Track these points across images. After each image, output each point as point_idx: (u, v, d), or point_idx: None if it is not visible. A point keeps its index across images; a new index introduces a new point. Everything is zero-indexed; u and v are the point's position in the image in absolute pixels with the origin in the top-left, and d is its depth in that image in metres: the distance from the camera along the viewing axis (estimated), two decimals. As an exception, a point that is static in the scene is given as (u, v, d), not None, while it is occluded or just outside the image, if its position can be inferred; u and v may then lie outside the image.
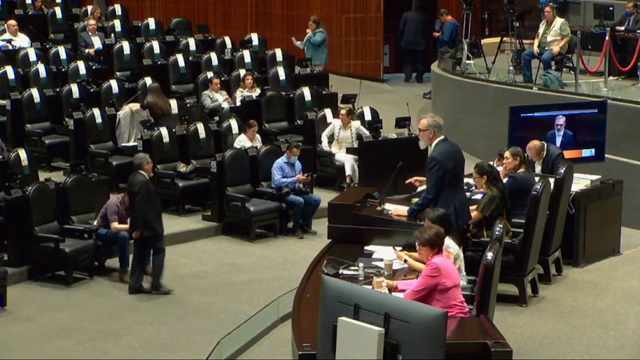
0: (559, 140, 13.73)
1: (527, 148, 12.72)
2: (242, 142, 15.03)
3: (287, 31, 22.05)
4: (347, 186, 15.10)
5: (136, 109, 15.70)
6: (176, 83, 17.88)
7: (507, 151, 12.17)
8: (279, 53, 19.27)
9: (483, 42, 20.15)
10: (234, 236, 14.11)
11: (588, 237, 12.67)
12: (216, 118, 16.02)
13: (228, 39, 19.80)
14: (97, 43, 18.73)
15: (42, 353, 10.41)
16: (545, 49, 17.25)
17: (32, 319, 11.30)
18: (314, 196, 14.43)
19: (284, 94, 17.22)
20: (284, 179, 14.21)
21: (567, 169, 12.04)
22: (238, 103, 16.87)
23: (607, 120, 14.15)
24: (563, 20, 17.59)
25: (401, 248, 9.40)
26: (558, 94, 16.49)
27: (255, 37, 20.27)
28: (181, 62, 18.02)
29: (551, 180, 11.78)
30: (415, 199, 10.41)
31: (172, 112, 15.87)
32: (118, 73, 17.95)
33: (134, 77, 17.51)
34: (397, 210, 10.20)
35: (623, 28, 18.01)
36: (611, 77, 17.24)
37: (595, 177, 13.08)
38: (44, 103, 16.11)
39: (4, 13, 20.72)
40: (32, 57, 17.61)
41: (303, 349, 7.38)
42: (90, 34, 18.81)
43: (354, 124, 15.68)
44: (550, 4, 18.09)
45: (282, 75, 18.10)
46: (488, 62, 18.44)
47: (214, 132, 15.47)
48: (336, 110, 16.10)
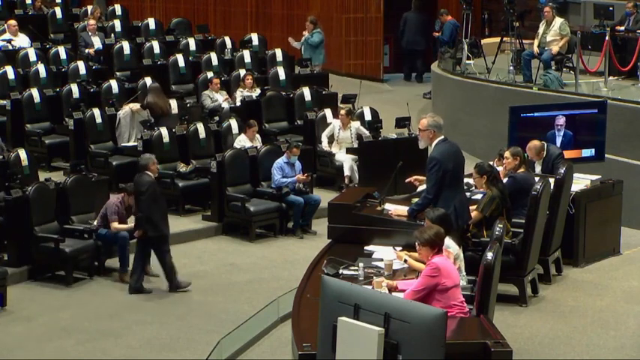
0: (559, 140, 13.73)
1: (527, 148, 12.72)
2: (242, 142, 15.02)
3: (287, 31, 22.02)
4: (345, 186, 15.10)
5: (137, 108, 15.71)
6: (176, 83, 17.87)
7: (507, 151, 12.17)
8: (279, 53, 19.26)
9: (483, 42, 20.13)
10: (234, 236, 14.11)
11: (588, 237, 12.67)
12: (216, 118, 16.02)
13: (228, 39, 19.78)
14: (97, 43, 18.72)
15: (42, 353, 10.41)
16: (545, 49, 17.25)
17: (32, 319, 11.29)
18: (314, 196, 14.42)
19: (284, 94, 17.21)
20: (284, 179, 14.21)
21: (567, 169, 12.03)
22: (238, 103, 16.87)
23: (607, 120, 14.15)
24: (563, 20, 17.58)
25: (401, 248, 9.40)
26: (558, 94, 16.48)
27: (255, 37, 20.26)
28: (181, 62, 18.01)
29: (551, 180, 11.78)
30: (415, 199, 10.41)
31: (172, 112, 15.87)
32: (118, 73, 17.94)
33: (134, 77, 17.50)
34: (397, 210, 10.20)
35: (623, 28, 18.00)
36: (611, 77, 17.23)
37: (595, 177, 13.08)
38: (44, 103, 16.10)
39: (4, 13, 20.70)
40: (32, 57, 17.60)
41: (303, 349, 7.37)
42: (90, 34, 18.80)
43: (354, 125, 15.67)
44: (549, 4, 18.10)
45: (282, 75, 18.09)
46: (488, 62, 18.43)
47: (214, 132, 15.47)
48: (336, 110, 16.08)
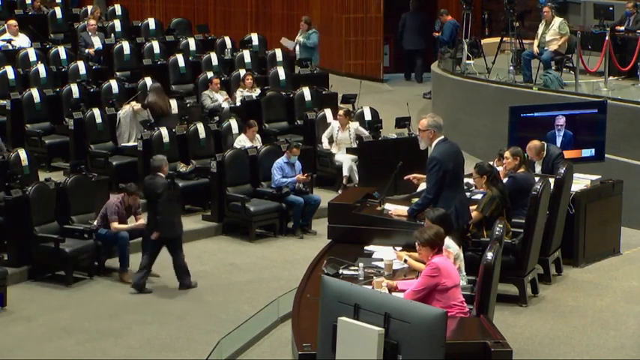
0: (559, 140, 13.73)
1: (527, 148, 12.72)
2: (242, 142, 15.02)
3: (287, 31, 22.01)
4: (344, 187, 15.10)
5: (138, 108, 15.70)
6: (176, 83, 17.86)
7: (507, 151, 12.17)
8: (279, 53, 19.26)
9: (483, 42, 20.12)
10: (234, 236, 14.11)
11: (588, 237, 12.67)
12: (216, 118, 16.02)
13: (228, 39, 19.77)
14: (97, 43, 18.71)
15: (42, 353, 10.41)
16: (545, 49, 17.25)
17: (32, 319, 11.29)
18: (314, 196, 14.42)
19: (284, 94, 17.20)
20: (284, 179, 14.21)
21: (567, 169, 12.03)
22: (238, 103, 16.86)
23: (607, 120, 14.15)
24: (562, 19, 17.58)
25: (401, 248, 9.40)
26: (558, 94, 16.48)
27: (255, 37, 20.25)
28: (181, 62, 18.00)
29: (551, 180, 11.78)
30: (415, 199, 10.41)
31: (172, 112, 15.87)
32: (118, 73, 17.94)
33: (134, 77, 17.49)
34: (397, 210, 10.20)
35: (623, 28, 18.00)
36: (611, 77, 17.22)
37: (595, 177, 13.07)
38: (44, 103, 16.09)
39: (4, 13, 20.69)
40: (32, 57, 17.59)
41: (303, 349, 7.37)
42: (90, 34, 18.79)
43: (353, 125, 15.66)
44: (548, 4, 18.09)
45: (282, 75, 18.09)
46: (488, 62, 18.43)
47: (214, 132, 15.47)
48: (336, 110, 16.09)
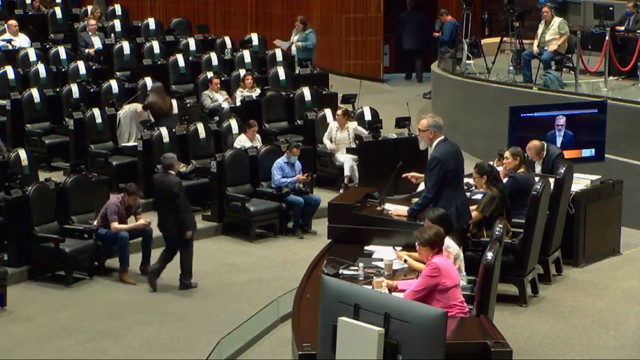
0: (559, 140, 13.73)
1: (527, 148, 12.72)
2: (242, 142, 15.02)
3: (287, 31, 21.99)
4: (345, 186, 15.10)
5: (140, 110, 15.64)
6: (176, 83, 17.86)
7: (507, 151, 12.17)
8: (279, 53, 19.26)
9: (483, 42, 20.13)
10: (234, 236, 14.11)
11: (588, 237, 12.66)
12: (216, 118, 16.01)
13: (228, 39, 19.77)
14: (97, 43, 18.71)
15: (42, 353, 10.41)
16: (545, 49, 17.25)
17: (32, 319, 11.29)
18: (314, 196, 14.42)
19: (284, 94, 17.20)
20: (284, 179, 14.21)
21: (567, 169, 12.03)
22: (238, 103, 16.86)
23: (607, 120, 14.15)
24: (562, 19, 17.58)
25: (401, 248, 9.39)
26: (558, 94, 16.48)
27: (255, 37, 20.24)
28: (181, 62, 18.00)
29: (551, 180, 11.78)
30: (415, 199, 10.40)
31: (173, 112, 15.87)
32: (118, 73, 17.93)
33: (134, 77, 17.50)
34: (397, 210, 10.19)
35: (623, 28, 18.00)
36: (611, 77, 17.22)
37: (595, 177, 13.07)
38: (44, 103, 16.09)
39: (4, 13, 20.69)
40: (32, 57, 17.59)
41: (303, 349, 7.37)
42: (90, 34, 18.79)
43: (351, 125, 15.66)
44: (548, 4, 18.09)
45: (282, 75, 18.09)
46: (488, 62, 18.43)
47: (214, 132, 15.46)
48: (336, 110, 16.08)
